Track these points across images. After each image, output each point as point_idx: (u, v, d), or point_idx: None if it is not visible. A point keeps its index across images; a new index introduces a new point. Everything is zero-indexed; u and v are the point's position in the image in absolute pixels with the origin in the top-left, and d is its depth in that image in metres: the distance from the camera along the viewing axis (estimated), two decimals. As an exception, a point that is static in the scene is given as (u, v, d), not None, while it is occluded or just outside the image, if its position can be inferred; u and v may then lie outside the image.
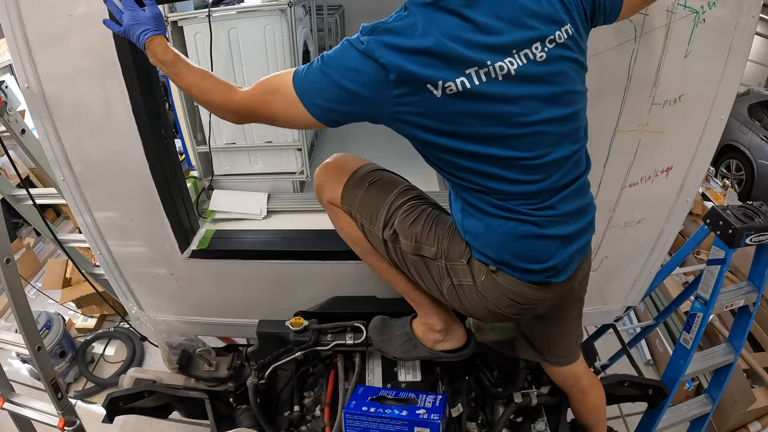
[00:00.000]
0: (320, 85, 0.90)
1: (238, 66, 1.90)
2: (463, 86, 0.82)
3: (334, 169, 1.19)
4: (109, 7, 1.04)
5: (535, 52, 0.84)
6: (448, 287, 1.06)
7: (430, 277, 1.09)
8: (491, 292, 1.01)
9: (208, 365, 1.50)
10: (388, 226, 1.09)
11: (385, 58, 0.83)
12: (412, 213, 1.09)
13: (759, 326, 2.57)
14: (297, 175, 2.16)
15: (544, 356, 1.30)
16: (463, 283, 1.04)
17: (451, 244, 1.04)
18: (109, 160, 1.40)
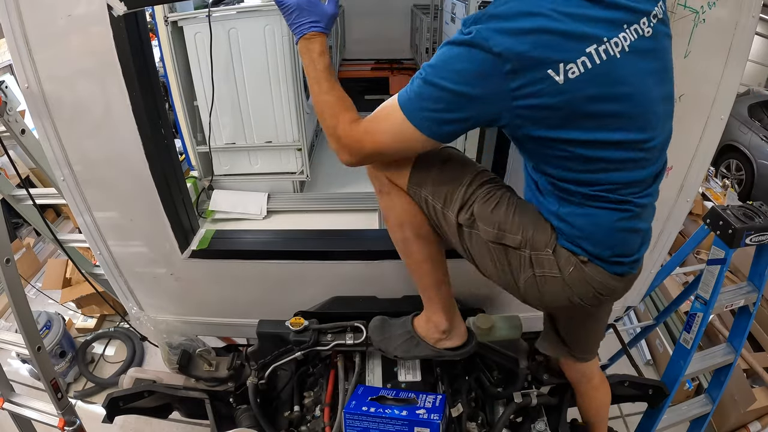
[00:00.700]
0: (427, 96, 0.83)
1: (238, 66, 1.91)
2: (584, 66, 0.76)
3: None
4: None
5: (643, 27, 0.80)
6: (528, 278, 0.98)
7: (507, 268, 1.00)
8: (578, 284, 0.95)
9: (208, 365, 1.50)
10: (464, 209, 1.00)
11: (499, 45, 0.76)
12: (493, 197, 0.99)
13: (759, 326, 2.57)
14: (297, 175, 2.17)
15: (573, 351, 1.27)
16: (547, 275, 0.96)
17: (536, 233, 0.96)
18: (109, 160, 1.40)
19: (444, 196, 1.01)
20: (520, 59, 0.76)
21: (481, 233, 0.99)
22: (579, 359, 1.29)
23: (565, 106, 0.79)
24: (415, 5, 4.19)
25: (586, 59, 0.76)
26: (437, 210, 1.03)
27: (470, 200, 0.99)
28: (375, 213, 2.00)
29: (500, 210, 0.98)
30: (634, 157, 0.86)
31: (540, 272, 0.96)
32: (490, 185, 1.01)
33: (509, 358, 1.48)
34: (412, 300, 1.57)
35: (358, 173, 2.47)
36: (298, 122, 2.04)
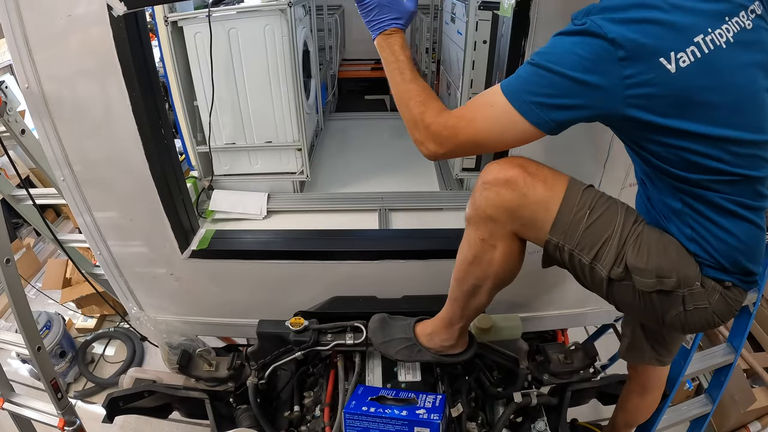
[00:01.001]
0: (537, 81, 0.81)
1: (238, 66, 1.91)
2: (694, 56, 0.76)
3: (542, 181, 0.93)
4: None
5: (743, 19, 0.80)
6: (678, 314, 0.92)
7: (659, 308, 0.93)
8: (722, 310, 0.92)
9: (208, 365, 1.50)
10: (617, 263, 0.90)
11: (614, 32, 0.76)
12: (644, 242, 0.91)
13: (759, 326, 2.57)
14: (297, 175, 2.17)
15: (662, 358, 1.25)
16: (698, 307, 0.90)
17: (687, 269, 0.90)
18: (109, 160, 1.40)
19: (594, 250, 0.91)
20: (633, 46, 0.76)
21: (637, 285, 0.91)
22: (665, 363, 1.28)
23: (680, 95, 0.78)
24: (415, 5, 4.18)
25: (695, 48, 0.76)
26: (583, 264, 0.93)
27: (623, 252, 0.91)
28: (375, 213, 2.00)
29: (653, 255, 0.90)
30: (750, 157, 0.83)
31: (691, 307, 0.91)
32: (635, 226, 0.93)
33: (509, 358, 1.48)
34: (412, 300, 1.57)
35: (358, 173, 2.49)
36: (298, 122, 2.04)
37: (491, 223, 0.97)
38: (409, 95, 0.95)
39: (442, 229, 1.80)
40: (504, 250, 1.00)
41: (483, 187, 0.96)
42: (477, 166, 2.23)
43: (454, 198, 2.15)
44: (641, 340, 1.23)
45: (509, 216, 0.95)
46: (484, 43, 1.98)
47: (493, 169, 0.96)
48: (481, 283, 1.07)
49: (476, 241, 1.01)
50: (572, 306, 1.79)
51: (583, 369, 1.49)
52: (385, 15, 0.97)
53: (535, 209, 0.93)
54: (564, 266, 0.99)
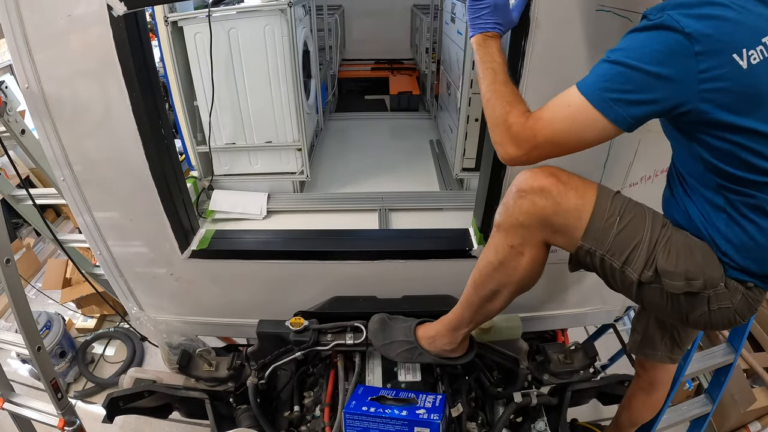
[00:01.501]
0: (614, 78, 0.82)
1: (238, 66, 1.91)
2: (762, 55, 0.78)
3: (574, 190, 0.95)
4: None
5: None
6: (702, 314, 0.95)
7: (684, 308, 0.96)
8: (743, 309, 0.94)
9: (208, 365, 1.50)
10: (647, 267, 0.93)
11: (690, 26, 0.78)
12: (672, 245, 0.93)
13: (759, 326, 2.57)
14: (297, 175, 2.17)
15: (674, 355, 1.27)
16: (722, 307, 0.93)
17: (712, 270, 0.92)
18: (109, 160, 1.40)
19: (625, 254, 0.94)
20: (708, 41, 0.78)
21: (666, 287, 0.93)
22: (675, 361, 1.30)
23: (750, 91, 0.79)
24: (415, 5, 4.19)
25: (763, 48, 0.78)
26: (614, 269, 0.95)
27: (653, 256, 0.93)
28: (375, 213, 2.00)
29: (681, 257, 0.93)
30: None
31: (715, 306, 0.94)
32: (664, 231, 0.95)
33: (509, 358, 1.48)
34: (411, 300, 1.57)
35: (357, 173, 2.49)
36: (298, 122, 2.04)
37: (522, 230, 0.99)
38: (498, 95, 0.96)
39: (442, 229, 1.80)
40: (531, 258, 1.02)
41: (517, 194, 0.98)
42: (477, 166, 2.24)
43: (454, 198, 2.15)
44: (655, 337, 1.24)
45: (542, 224, 0.97)
46: (484, 43, 1.98)
47: (527, 178, 0.98)
48: (501, 288, 1.08)
49: (504, 247, 1.03)
50: (572, 306, 1.79)
51: (583, 369, 1.49)
52: (492, 18, 1.02)
53: (567, 217, 0.95)
54: (593, 270, 1.01)
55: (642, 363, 1.38)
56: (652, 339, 1.25)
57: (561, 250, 1.02)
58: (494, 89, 0.97)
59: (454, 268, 1.24)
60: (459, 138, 2.21)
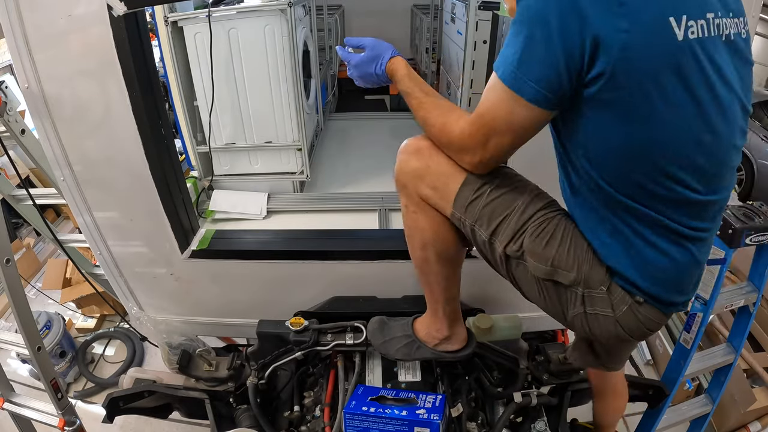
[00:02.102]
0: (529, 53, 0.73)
1: (238, 66, 1.91)
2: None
3: (443, 160, 0.94)
4: (342, 55, 1.06)
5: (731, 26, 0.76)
6: (577, 315, 0.91)
7: (556, 302, 0.93)
8: (629, 323, 0.89)
9: (208, 365, 1.50)
10: (513, 241, 0.90)
11: None
12: (546, 228, 0.89)
13: (759, 326, 2.57)
14: (297, 175, 2.17)
15: (606, 364, 1.23)
16: (599, 313, 0.89)
17: (592, 269, 0.88)
18: (109, 160, 1.40)
19: (492, 225, 0.92)
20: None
21: (531, 268, 0.91)
22: (610, 369, 1.27)
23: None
24: (415, 5, 4.19)
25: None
26: (484, 240, 0.94)
27: (521, 231, 0.90)
28: (375, 213, 2.00)
29: (553, 244, 0.89)
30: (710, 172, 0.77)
31: (592, 310, 0.90)
32: (545, 212, 0.91)
33: (509, 358, 1.48)
34: (411, 300, 1.57)
35: (358, 173, 2.49)
36: (298, 122, 2.04)
37: (405, 189, 1.00)
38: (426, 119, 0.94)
39: (442, 229, 1.80)
40: (426, 217, 1.01)
41: (399, 155, 1.00)
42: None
43: (454, 198, 2.15)
44: (585, 346, 1.21)
45: (416, 182, 0.97)
46: (484, 43, 1.99)
47: (408, 142, 1.00)
48: (424, 253, 1.07)
49: (403, 208, 1.05)
50: (572, 306, 1.79)
51: (582, 369, 1.49)
52: (367, 69, 1.01)
53: (436, 179, 0.95)
54: (474, 246, 1.00)
55: (589, 370, 1.39)
56: (581, 344, 1.23)
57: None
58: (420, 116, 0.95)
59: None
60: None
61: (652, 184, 0.76)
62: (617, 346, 1.17)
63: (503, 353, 1.48)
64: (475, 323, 1.47)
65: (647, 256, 0.82)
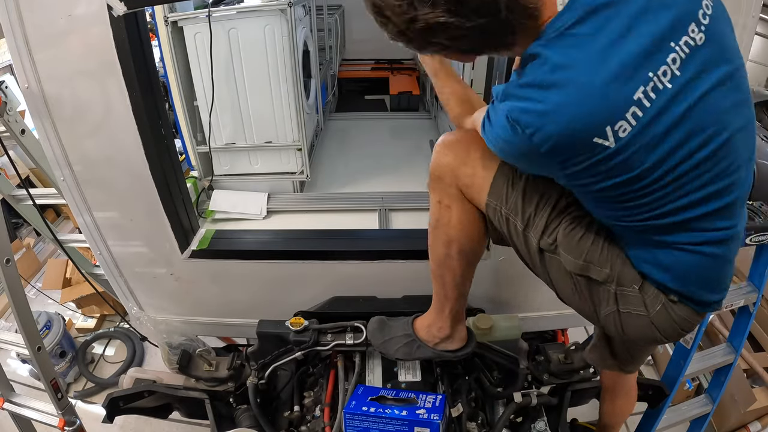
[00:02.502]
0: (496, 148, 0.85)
1: (238, 66, 1.91)
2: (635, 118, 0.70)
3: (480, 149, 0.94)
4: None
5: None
6: (610, 314, 0.91)
7: (589, 300, 0.93)
8: (663, 323, 0.88)
9: (208, 365, 1.50)
10: (547, 233, 0.91)
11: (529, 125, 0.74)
12: (580, 224, 0.89)
13: (759, 326, 2.57)
14: (297, 175, 2.17)
15: (623, 366, 1.23)
16: (632, 312, 0.88)
17: (625, 267, 0.87)
18: (109, 160, 1.40)
19: (527, 216, 0.92)
20: (555, 141, 0.74)
21: (564, 262, 0.90)
22: (627, 372, 1.26)
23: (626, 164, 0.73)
24: (416, 5, 4.18)
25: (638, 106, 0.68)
26: (518, 231, 0.94)
27: (554, 224, 0.90)
28: (375, 213, 2.00)
29: (588, 239, 0.88)
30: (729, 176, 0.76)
31: (625, 309, 0.89)
32: (577, 208, 0.91)
33: (509, 358, 1.48)
34: (411, 300, 1.57)
35: (357, 173, 2.49)
36: (298, 122, 2.04)
37: (441, 183, 1.00)
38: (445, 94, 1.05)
39: (442, 229, 1.80)
40: (458, 212, 1.01)
41: (435, 150, 1.01)
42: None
43: (454, 198, 2.14)
44: (605, 348, 1.21)
45: (453, 175, 0.98)
46: (484, 43, 1.98)
47: (445, 134, 1.02)
48: (448, 249, 1.08)
49: (434, 205, 1.05)
50: (572, 306, 1.79)
51: (583, 369, 1.49)
52: None
53: (473, 171, 0.96)
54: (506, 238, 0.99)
55: (603, 370, 1.39)
56: (601, 345, 1.23)
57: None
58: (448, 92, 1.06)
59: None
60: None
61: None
62: (641, 348, 1.17)
63: (503, 353, 1.47)
64: (475, 323, 1.47)
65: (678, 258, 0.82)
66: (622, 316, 0.90)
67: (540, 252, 0.93)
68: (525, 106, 0.71)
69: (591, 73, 0.67)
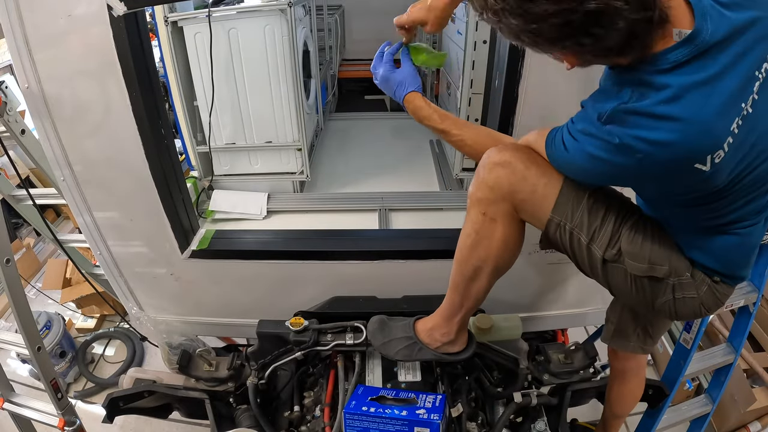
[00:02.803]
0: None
1: (238, 66, 1.91)
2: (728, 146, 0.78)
3: (540, 164, 0.97)
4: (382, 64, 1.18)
5: None
6: (666, 302, 0.98)
7: (648, 295, 0.99)
8: (709, 301, 0.98)
9: (208, 365, 1.50)
10: (611, 245, 0.95)
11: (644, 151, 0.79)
12: (638, 228, 0.96)
13: (759, 326, 2.57)
14: (297, 175, 2.17)
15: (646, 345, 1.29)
16: (686, 297, 0.97)
17: (677, 257, 0.96)
18: (109, 160, 1.40)
19: (593, 230, 0.96)
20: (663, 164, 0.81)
21: (630, 268, 0.96)
22: (647, 351, 1.32)
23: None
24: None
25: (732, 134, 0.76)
26: (582, 244, 0.98)
27: (617, 234, 0.96)
28: (375, 213, 2.00)
29: (647, 242, 0.95)
30: None
31: (680, 295, 0.97)
32: (631, 214, 0.98)
33: (509, 358, 1.48)
34: (411, 300, 1.57)
35: (357, 173, 2.49)
36: (298, 122, 2.04)
37: (492, 198, 1.01)
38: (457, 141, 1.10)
39: (442, 229, 1.80)
40: (504, 227, 1.02)
41: (486, 166, 1.01)
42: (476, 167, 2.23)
43: (454, 198, 2.15)
44: (628, 326, 1.26)
45: (509, 192, 0.98)
46: (484, 43, 1.99)
47: (496, 151, 1.01)
48: (482, 264, 1.08)
49: (478, 217, 1.04)
50: (572, 306, 1.79)
51: (583, 369, 1.49)
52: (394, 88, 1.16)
53: (532, 189, 0.97)
54: (562, 247, 1.02)
55: (614, 353, 1.40)
56: (624, 329, 1.27)
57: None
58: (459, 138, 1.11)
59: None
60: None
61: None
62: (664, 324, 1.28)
63: (503, 353, 1.48)
64: (475, 323, 1.47)
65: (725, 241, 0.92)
66: (677, 302, 0.98)
67: (604, 263, 0.97)
68: (638, 134, 0.75)
69: (701, 108, 0.72)
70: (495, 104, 1.44)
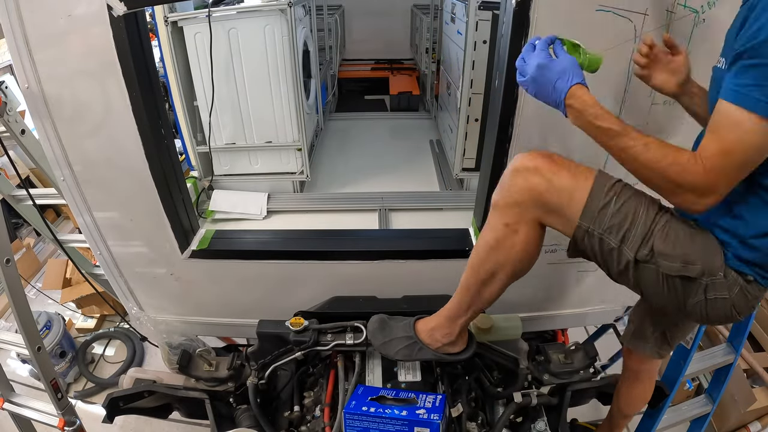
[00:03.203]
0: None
1: (238, 66, 1.91)
2: None
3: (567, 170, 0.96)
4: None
5: None
6: (698, 303, 0.96)
7: (681, 295, 0.97)
8: (741, 303, 0.96)
9: (208, 365, 1.50)
10: (644, 245, 0.94)
11: None
12: (671, 227, 0.94)
13: (759, 326, 2.57)
14: (297, 175, 2.17)
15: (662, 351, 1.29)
16: (718, 297, 0.95)
17: (712, 258, 0.94)
18: (109, 160, 1.40)
19: (622, 232, 0.95)
20: None
21: (663, 268, 0.94)
22: (660, 356, 1.31)
23: None
24: (415, 5, 4.19)
25: None
26: (611, 248, 0.96)
27: (649, 235, 0.94)
28: (375, 213, 2.00)
29: (679, 242, 0.94)
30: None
31: (712, 296, 0.95)
32: (662, 214, 0.96)
33: (509, 358, 1.48)
34: (412, 300, 1.57)
35: (357, 173, 2.50)
36: (298, 122, 2.04)
37: (517, 207, 1.00)
38: (629, 153, 0.89)
39: (442, 229, 1.80)
40: (526, 236, 1.02)
41: (513, 173, 0.99)
42: (476, 166, 2.23)
43: (454, 198, 2.15)
44: (648, 331, 1.26)
45: (535, 201, 0.98)
46: (484, 43, 1.99)
47: (523, 158, 0.99)
48: (498, 269, 1.09)
49: (500, 225, 1.04)
50: (572, 306, 1.79)
51: (583, 369, 1.49)
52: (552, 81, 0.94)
53: (560, 195, 0.96)
54: (591, 255, 1.01)
55: (629, 353, 1.40)
56: (644, 332, 1.28)
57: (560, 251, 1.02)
58: (634, 150, 0.89)
59: (455, 268, 1.23)
60: (459, 138, 2.21)
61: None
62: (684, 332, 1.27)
63: (503, 353, 1.48)
64: (475, 323, 1.47)
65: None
66: (708, 303, 0.96)
67: (635, 264, 0.96)
68: None
69: None
70: (495, 104, 1.44)
